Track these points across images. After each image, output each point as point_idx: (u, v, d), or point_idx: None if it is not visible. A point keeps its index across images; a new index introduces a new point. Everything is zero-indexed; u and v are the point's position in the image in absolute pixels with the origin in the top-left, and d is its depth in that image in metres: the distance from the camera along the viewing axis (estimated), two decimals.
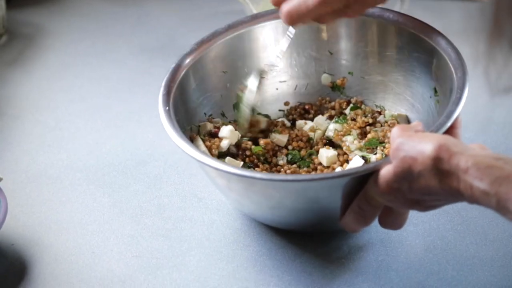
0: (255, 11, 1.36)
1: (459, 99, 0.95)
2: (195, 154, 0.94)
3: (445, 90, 1.00)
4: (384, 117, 1.10)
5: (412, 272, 0.99)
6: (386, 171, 0.87)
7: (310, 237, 1.02)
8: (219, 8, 1.50)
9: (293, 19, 0.97)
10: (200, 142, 1.05)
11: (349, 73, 1.14)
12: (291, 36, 1.06)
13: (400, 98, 1.10)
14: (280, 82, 1.16)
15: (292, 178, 0.92)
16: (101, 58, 1.40)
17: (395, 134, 0.88)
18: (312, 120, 1.14)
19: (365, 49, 1.12)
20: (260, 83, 1.07)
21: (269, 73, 1.11)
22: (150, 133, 1.21)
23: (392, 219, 0.93)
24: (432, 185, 0.83)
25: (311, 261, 1.00)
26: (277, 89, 1.16)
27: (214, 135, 1.07)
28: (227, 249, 1.02)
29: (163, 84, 1.03)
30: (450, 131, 0.94)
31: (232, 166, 0.93)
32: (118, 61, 1.39)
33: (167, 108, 1.00)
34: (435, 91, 1.04)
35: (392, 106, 1.12)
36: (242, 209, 1.04)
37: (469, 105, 0.98)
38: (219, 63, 1.12)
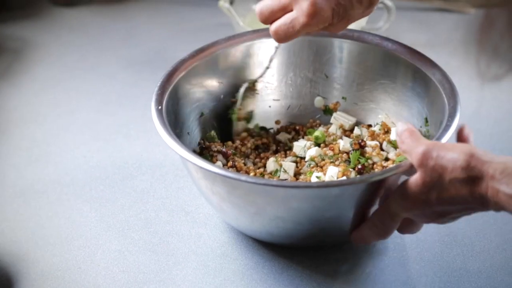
0: (241, 24, 1.36)
1: (448, 126, 0.94)
2: (180, 151, 0.94)
3: (436, 121, 0.99)
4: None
5: (399, 284, 0.98)
6: (414, 183, 0.87)
7: (297, 250, 1.02)
8: (207, 21, 1.51)
9: (281, 38, 0.99)
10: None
11: (343, 98, 1.14)
12: (277, 47, 1.08)
13: (391, 127, 1.10)
14: (274, 100, 1.16)
15: (276, 183, 0.92)
16: (90, 72, 1.40)
17: (410, 141, 0.88)
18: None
19: (361, 76, 1.12)
20: (250, 94, 1.08)
21: (258, 84, 1.12)
22: (137, 146, 1.21)
23: (411, 226, 0.93)
24: (462, 193, 0.84)
25: (299, 274, 1.00)
26: (270, 106, 1.16)
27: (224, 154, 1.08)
28: (214, 262, 1.02)
29: (158, 85, 1.04)
30: (464, 142, 0.94)
31: (216, 166, 0.93)
32: (107, 74, 1.39)
33: (159, 107, 1.01)
34: (426, 121, 1.04)
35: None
36: (224, 216, 1.04)
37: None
38: (215, 73, 1.12)
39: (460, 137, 0.92)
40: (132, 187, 1.14)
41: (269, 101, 1.16)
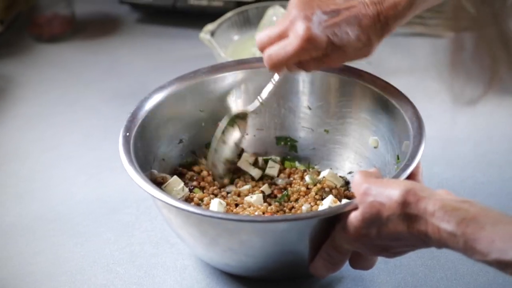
0: (223, 55, 1.37)
1: (407, 166, 0.95)
2: (137, 179, 0.95)
3: (404, 159, 0.99)
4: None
5: None
6: (354, 217, 0.88)
7: (281, 281, 1.03)
8: (189, 52, 1.52)
9: (274, 63, 1.00)
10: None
11: (325, 130, 1.15)
12: (274, 82, 1.07)
13: (368, 163, 1.11)
14: (258, 129, 1.17)
15: (223, 216, 0.93)
16: (73, 106, 1.41)
17: (359, 180, 0.89)
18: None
19: (342, 109, 1.12)
20: (238, 124, 1.09)
21: (248, 116, 1.11)
22: (122, 179, 1.21)
23: (362, 262, 0.94)
24: (400, 229, 0.85)
25: None
26: (254, 135, 1.17)
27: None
28: None
29: (130, 112, 1.05)
30: (412, 178, 0.95)
31: (169, 197, 0.93)
32: (90, 108, 1.40)
33: (127, 134, 1.02)
34: (398, 158, 1.04)
35: (357, 168, 1.12)
36: (187, 246, 1.04)
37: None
38: (195, 101, 1.13)
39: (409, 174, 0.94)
40: (117, 220, 1.14)
41: (254, 130, 1.17)
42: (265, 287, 1.02)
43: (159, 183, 1.06)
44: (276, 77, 1.06)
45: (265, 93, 1.08)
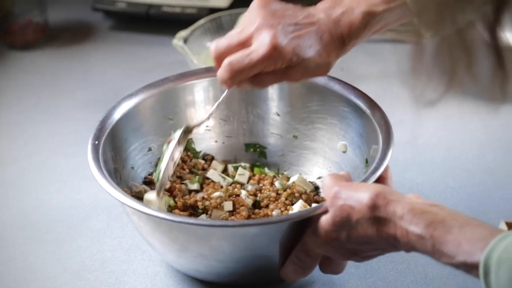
0: (196, 62, 1.38)
1: (376, 169, 0.96)
2: (106, 185, 0.95)
3: (373, 163, 0.99)
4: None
5: None
6: (324, 221, 0.89)
7: (253, 286, 1.03)
8: (162, 60, 1.52)
9: (234, 72, 0.95)
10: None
11: (294, 136, 1.15)
12: (225, 96, 1.03)
13: (337, 167, 1.11)
14: (227, 137, 1.17)
15: (193, 222, 0.93)
16: (47, 114, 1.41)
17: (329, 183, 0.89)
18: None
19: (310, 115, 1.13)
20: (185, 138, 1.07)
21: (198, 130, 1.09)
22: (94, 187, 1.20)
23: (332, 266, 0.95)
24: (369, 233, 0.85)
25: None
26: (223, 143, 1.17)
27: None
28: None
29: (99, 120, 1.06)
30: (381, 182, 0.96)
31: (138, 203, 0.93)
32: (64, 116, 1.40)
33: (96, 142, 1.02)
34: (366, 162, 1.05)
35: (326, 173, 1.12)
36: (157, 253, 1.04)
37: None
38: (164, 109, 1.13)
39: (379, 177, 0.95)
40: (89, 227, 1.14)
41: (223, 137, 1.17)
42: None
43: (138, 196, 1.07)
44: (226, 93, 1.02)
45: (213, 108, 1.05)
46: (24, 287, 1.05)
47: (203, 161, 1.16)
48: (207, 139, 1.17)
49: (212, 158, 1.17)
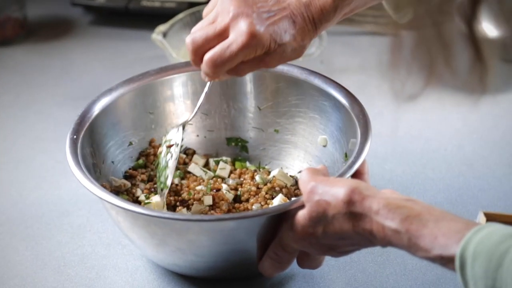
0: (175, 56, 1.38)
1: (354, 163, 0.96)
2: (83, 180, 0.96)
3: (351, 156, 0.99)
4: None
5: None
6: (301, 216, 0.89)
7: (232, 281, 1.03)
8: (142, 54, 1.52)
9: (217, 66, 0.94)
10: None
11: (275, 130, 1.15)
12: (207, 89, 1.04)
13: (317, 161, 1.11)
14: (208, 131, 1.17)
15: (170, 216, 0.93)
16: (25, 110, 1.40)
17: (306, 178, 0.90)
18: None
19: (291, 109, 1.13)
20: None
21: (186, 128, 1.10)
22: (73, 182, 1.20)
23: (309, 261, 0.95)
24: (345, 228, 0.86)
25: None
26: (205, 137, 1.17)
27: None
28: None
29: (78, 114, 1.06)
30: (358, 177, 0.96)
31: (117, 198, 0.93)
32: (43, 111, 1.39)
33: (74, 136, 1.02)
34: (346, 156, 1.05)
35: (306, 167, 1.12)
36: (137, 247, 1.04)
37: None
38: (144, 103, 1.13)
39: (355, 172, 0.95)
40: (69, 223, 1.14)
41: (205, 131, 1.17)
42: (216, 287, 1.02)
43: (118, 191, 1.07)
44: (208, 86, 1.04)
45: (198, 104, 1.05)
46: (3, 283, 1.05)
47: (184, 155, 1.16)
48: (189, 133, 1.16)
49: (194, 152, 1.17)
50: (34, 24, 1.62)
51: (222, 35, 0.95)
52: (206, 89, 1.04)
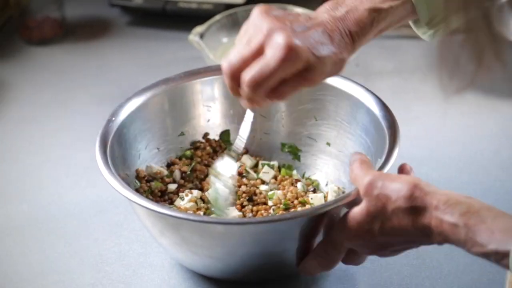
0: (212, 57, 1.38)
1: (387, 160, 0.96)
2: (110, 180, 0.97)
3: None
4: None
5: None
6: (357, 211, 0.88)
7: (267, 283, 1.04)
8: (178, 54, 1.53)
9: (257, 85, 0.88)
10: None
11: (327, 143, 1.13)
12: (251, 119, 0.99)
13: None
14: (265, 133, 1.17)
15: (210, 220, 0.94)
16: (63, 109, 1.42)
17: (360, 172, 0.90)
18: None
19: (343, 124, 1.11)
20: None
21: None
22: None
23: (354, 257, 0.95)
24: (404, 224, 0.86)
25: None
26: (261, 139, 1.17)
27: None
28: None
29: (111, 112, 1.07)
30: None
31: (143, 199, 0.94)
32: (80, 111, 1.41)
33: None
34: None
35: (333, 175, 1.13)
36: (170, 254, 1.06)
37: None
38: (171, 107, 1.13)
39: (402, 172, 0.95)
40: (106, 220, 1.15)
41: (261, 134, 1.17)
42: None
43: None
44: (250, 114, 0.99)
45: (245, 134, 1.00)
46: (41, 279, 1.06)
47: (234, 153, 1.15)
48: None
49: (246, 152, 1.17)
50: (72, 24, 1.64)
51: (258, 53, 0.89)
52: (250, 118, 0.99)
